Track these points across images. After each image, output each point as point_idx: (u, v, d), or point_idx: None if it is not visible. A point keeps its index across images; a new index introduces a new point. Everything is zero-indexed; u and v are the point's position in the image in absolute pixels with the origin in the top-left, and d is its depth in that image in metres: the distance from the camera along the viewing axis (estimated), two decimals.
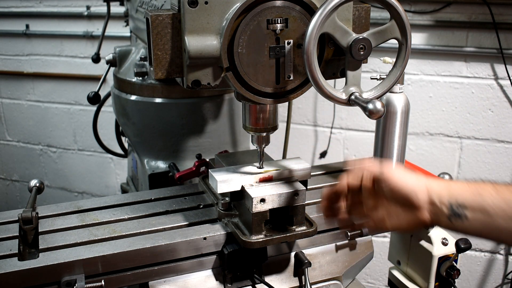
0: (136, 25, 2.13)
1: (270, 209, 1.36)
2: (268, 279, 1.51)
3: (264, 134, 1.42)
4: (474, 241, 1.51)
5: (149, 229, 1.45)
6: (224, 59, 1.23)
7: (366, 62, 1.30)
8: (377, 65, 3.23)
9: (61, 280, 1.28)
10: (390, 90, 1.31)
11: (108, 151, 2.84)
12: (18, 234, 1.41)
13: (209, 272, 1.45)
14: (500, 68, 3.01)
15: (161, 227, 1.46)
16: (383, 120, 1.64)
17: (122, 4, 2.63)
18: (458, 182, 1.18)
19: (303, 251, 1.56)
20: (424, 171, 1.76)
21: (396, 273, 1.88)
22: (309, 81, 1.21)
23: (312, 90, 1.28)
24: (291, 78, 1.30)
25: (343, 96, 1.23)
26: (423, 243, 1.75)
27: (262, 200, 1.35)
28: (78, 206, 1.58)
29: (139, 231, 1.44)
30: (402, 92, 1.63)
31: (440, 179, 1.44)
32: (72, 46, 4.09)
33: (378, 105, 1.13)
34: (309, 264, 1.52)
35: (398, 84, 1.61)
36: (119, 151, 2.80)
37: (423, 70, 3.20)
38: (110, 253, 1.32)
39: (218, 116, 2.05)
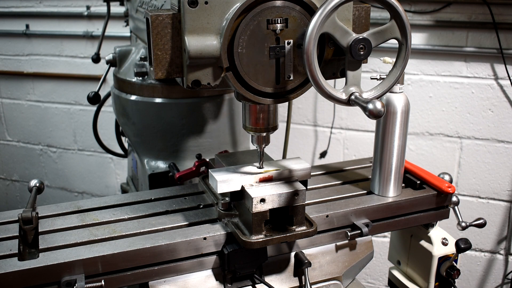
0: (136, 25, 2.13)
1: (270, 209, 1.36)
2: (268, 279, 1.51)
3: (264, 134, 1.42)
4: (474, 241, 1.51)
5: (149, 229, 1.45)
6: (224, 59, 1.23)
7: (366, 62, 1.29)
8: (377, 65, 3.23)
9: (61, 280, 1.28)
10: (390, 90, 1.31)
11: (108, 151, 2.84)
12: (18, 234, 1.41)
13: (209, 272, 1.45)
14: (500, 68, 3.01)
15: (161, 227, 1.46)
16: (383, 120, 1.64)
17: (122, 4, 2.63)
18: None
19: (303, 251, 1.56)
20: (424, 171, 1.76)
21: (396, 273, 1.88)
22: (309, 81, 1.21)
23: (312, 90, 1.28)
24: (291, 78, 1.30)
25: (343, 96, 1.23)
26: (423, 243, 1.75)
27: (262, 200, 1.35)
28: (78, 206, 1.58)
29: (139, 231, 1.44)
30: (402, 92, 1.63)
31: None
32: (72, 46, 4.09)
33: (378, 105, 1.13)
34: (309, 264, 1.52)
35: (398, 84, 1.61)
36: (119, 151, 2.80)
37: (423, 70, 3.20)
38: (110, 253, 1.32)
39: (218, 116, 2.05)
